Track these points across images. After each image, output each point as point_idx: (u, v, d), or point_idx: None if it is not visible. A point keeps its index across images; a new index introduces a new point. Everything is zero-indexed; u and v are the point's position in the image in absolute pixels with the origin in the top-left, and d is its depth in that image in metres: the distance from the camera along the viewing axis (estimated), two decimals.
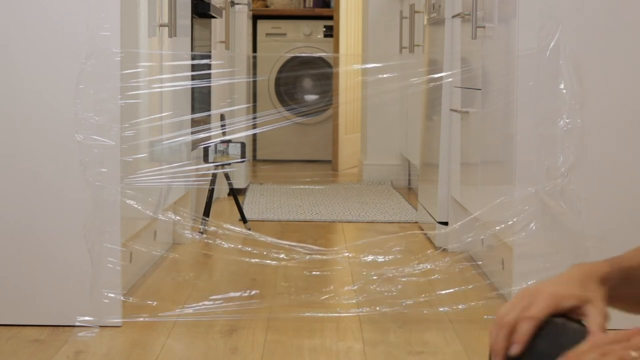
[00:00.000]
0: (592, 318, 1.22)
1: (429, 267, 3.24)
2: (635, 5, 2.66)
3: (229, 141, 3.96)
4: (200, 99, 4.00)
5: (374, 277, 2.99)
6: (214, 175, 4.17)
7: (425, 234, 3.93)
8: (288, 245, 3.27)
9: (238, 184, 5.10)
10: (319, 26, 7.44)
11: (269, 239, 3.38)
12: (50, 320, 2.60)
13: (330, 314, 2.75)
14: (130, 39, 2.79)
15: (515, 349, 1.20)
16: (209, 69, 3.88)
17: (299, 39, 7.42)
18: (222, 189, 4.90)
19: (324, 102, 7.08)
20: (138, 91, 2.75)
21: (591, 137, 2.63)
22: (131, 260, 2.92)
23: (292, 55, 7.23)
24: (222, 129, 4.07)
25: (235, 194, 4.39)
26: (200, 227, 3.64)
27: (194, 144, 3.64)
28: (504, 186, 2.86)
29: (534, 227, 2.66)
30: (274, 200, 5.11)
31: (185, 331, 2.60)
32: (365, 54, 6.18)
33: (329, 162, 6.86)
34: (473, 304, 2.80)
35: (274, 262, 3.20)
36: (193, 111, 3.74)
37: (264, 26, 7.47)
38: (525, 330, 1.21)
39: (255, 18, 7.23)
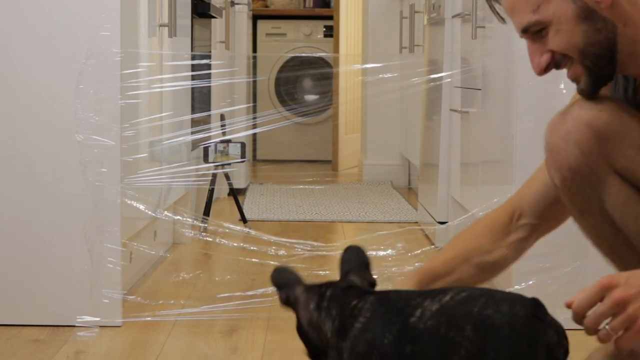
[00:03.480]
0: None
1: None
2: None
3: (229, 141, 3.96)
4: (200, 99, 4.00)
5: (374, 276, 2.98)
6: (214, 175, 4.17)
7: (425, 233, 3.93)
8: (288, 242, 3.27)
9: (238, 184, 5.10)
10: (319, 26, 7.44)
11: (269, 237, 3.38)
12: (50, 320, 2.60)
13: None
14: (130, 39, 2.79)
15: None
16: (209, 69, 3.88)
17: (299, 39, 7.42)
18: (222, 189, 4.90)
19: (324, 102, 7.08)
20: (138, 91, 2.75)
21: None
22: (131, 260, 2.92)
23: (292, 55, 7.22)
24: (222, 129, 4.07)
25: (235, 194, 4.39)
26: (201, 226, 3.64)
27: (194, 144, 3.64)
28: (504, 186, 2.86)
29: None
30: (274, 200, 5.11)
31: (185, 331, 2.60)
32: (365, 54, 6.18)
33: (329, 162, 6.86)
34: None
35: (274, 262, 3.20)
36: (193, 111, 3.74)
37: (264, 26, 7.47)
38: None
39: (255, 18, 7.23)
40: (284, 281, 1.71)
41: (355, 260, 1.73)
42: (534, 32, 1.65)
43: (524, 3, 1.64)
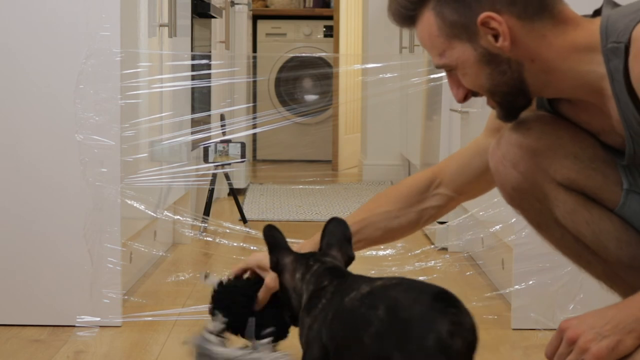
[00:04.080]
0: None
1: (428, 265, 3.24)
2: None
3: (228, 141, 3.96)
4: (200, 99, 4.00)
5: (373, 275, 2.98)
6: (214, 175, 4.18)
7: (424, 233, 3.93)
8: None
9: (238, 184, 5.10)
10: (319, 26, 7.44)
11: None
12: (50, 320, 2.60)
13: None
14: (130, 39, 2.79)
15: None
16: (209, 69, 3.88)
17: (299, 39, 7.42)
18: (222, 189, 4.90)
19: (324, 102, 7.08)
20: (138, 91, 2.75)
21: None
22: (131, 260, 2.92)
23: (292, 55, 7.22)
24: (222, 129, 4.07)
25: (235, 194, 4.39)
26: (201, 226, 3.64)
27: (194, 144, 3.64)
28: None
29: None
30: (274, 200, 5.11)
31: (185, 331, 2.60)
32: (365, 54, 6.18)
33: (329, 162, 6.86)
34: (473, 304, 2.80)
35: None
36: (193, 111, 3.74)
37: (264, 26, 7.47)
38: None
39: (255, 18, 7.23)
40: (276, 244, 1.86)
41: (339, 233, 1.86)
42: (447, 70, 1.74)
43: (431, 47, 1.72)
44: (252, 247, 3.39)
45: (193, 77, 3.58)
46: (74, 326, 2.59)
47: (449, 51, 1.69)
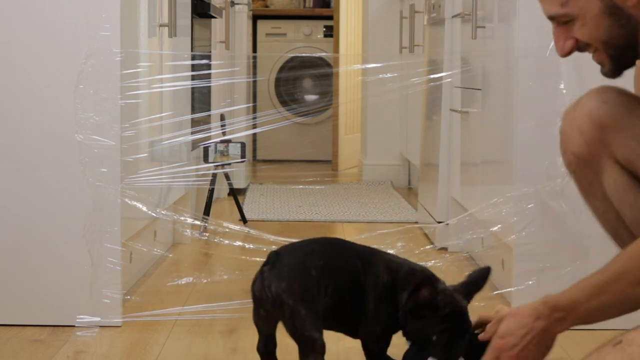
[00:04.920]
0: None
1: (428, 264, 3.24)
2: None
3: (228, 141, 3.96)
4: (200, 99, 4.00)
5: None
6: (214, 175, 4.18)
7: (424, 233, 3.93)
8: (288, 241, 3.26)
9: (238, 184, 5.10)
10: (319, 26, 7.44)
11: (269, 236, 3.38)
12: (50, 320, 2.60)
13: None
14: (130, 39, 2.79)
15: None
16: (209, 69, 3.88)
17: (299, 39, 7.42)
18: (222, 189, 4.90)
19: (324, 102, 7.08)
20: (138, 91, 2.75)
21: None
22: (131, 260, 2.92)
23: (292, 55, 7.22)
24: (222, 129, 4.07)
25: (235, 194, 4.39)
26: (201, 226, 3.64)
27: (194, 144, 3.64)
28: (504, 186, 2.86)
29: (534, 227, 2.66)
30: (274, 200, 5.11)
31: (185, 331, 2.60)
32: (365, 54, 6.18)
33: (329, 162, 6.86)
34: (474, 303, 2.79)
35: None
36: (193, 111, 3.74)
37: (264, 26, 7.47)
38: None
39: (255, 18, 7.23)
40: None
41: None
42: (561, 22, 1.76)
43: None
44: (251, 247, 3.39)
45: (193, 77, 3.58)
46: (74, 326, 2.59)
47: (573, 1, 1.72)
